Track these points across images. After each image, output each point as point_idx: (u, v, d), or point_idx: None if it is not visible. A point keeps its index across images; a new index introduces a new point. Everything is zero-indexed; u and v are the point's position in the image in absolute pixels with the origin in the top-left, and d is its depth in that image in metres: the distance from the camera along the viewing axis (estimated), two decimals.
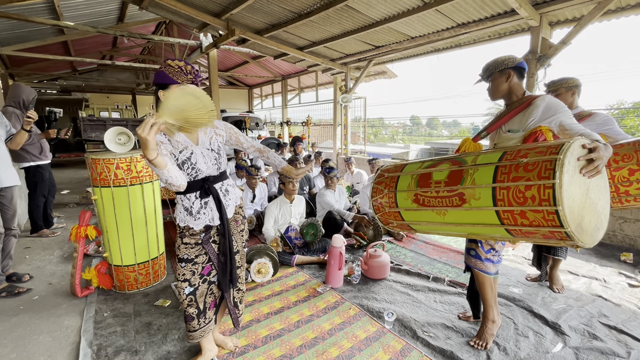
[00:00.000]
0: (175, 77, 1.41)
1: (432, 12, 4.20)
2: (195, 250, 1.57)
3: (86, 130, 8.97)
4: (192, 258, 1.56)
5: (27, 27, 6.02)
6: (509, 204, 1.31)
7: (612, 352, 1.83)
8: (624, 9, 3.56)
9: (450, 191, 1.50)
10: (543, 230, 1.27)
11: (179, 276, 1.57)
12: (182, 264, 1.56)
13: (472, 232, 1.61)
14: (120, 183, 2.36)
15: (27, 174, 3.54)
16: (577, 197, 1.24)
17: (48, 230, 3.77)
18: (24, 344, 1.93)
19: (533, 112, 1.61)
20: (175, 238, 3.40)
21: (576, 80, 2.32)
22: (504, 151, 1.43)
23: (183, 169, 1.45)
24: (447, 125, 47.59)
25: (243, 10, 5.00)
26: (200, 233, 1.56)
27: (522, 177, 1.27)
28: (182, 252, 1.56)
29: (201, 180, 1.51)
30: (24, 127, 2.64)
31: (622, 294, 2.47)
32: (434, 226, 1.67)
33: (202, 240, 1.56)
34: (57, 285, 2.65)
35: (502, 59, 1.74)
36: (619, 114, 12.45)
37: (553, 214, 1.20)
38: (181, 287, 1.57)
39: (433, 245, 3.52)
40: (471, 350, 1.87)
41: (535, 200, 1.23)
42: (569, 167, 1.19)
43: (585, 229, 1.27)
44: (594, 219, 1.32)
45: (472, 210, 1.44)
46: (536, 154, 1.29)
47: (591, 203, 1.30)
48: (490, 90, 1.80)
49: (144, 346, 1.90)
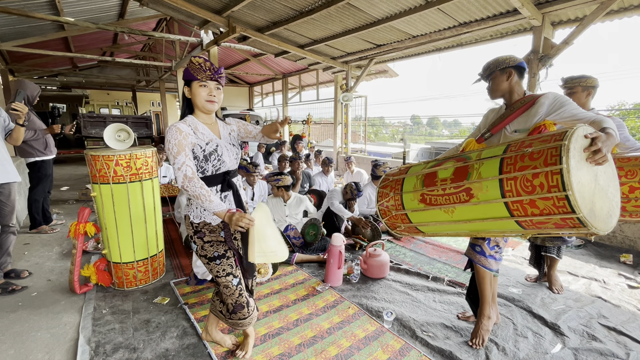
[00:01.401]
0: (196, 74, 1.44)
1: (434, 10, 4.18)
2: (222, 246, 1.57)
3: (86, 127, 8.96)
4: (223, 253, 1.57)
5: (27, 23, 5.99)
6: (517, 194, 1.29)
7: (611, 354, 1.82)
8: (626, 9, 3.54)
9: (456, 187, 1.48)
10: (554, 218, 1.25)
11: (220, 272, 1.56)
12: (216, 262, 1.55)
13: (481, 229, 1.57)
14: (120, 180, 2.35)
15: (32, 169, 3.55)
16: (587, 183, 1.21)
17: (47, 227, 3.76)
18: (22, 341, 1.93)
19: (538, 110, 1.61)
20: (181, 237, 3.43)
21: (595, 80, 2.22)
22: (508, 144, 1.42)
23: (210, 160, 1.47)
24: (447, 125, 47.56)
25: (244, 7, 4.98)
26: (219, 229, 1.55)
27: (529, 166, 1.25)
28: (210, 251, 1.55)
29: (223, 174, 1.53)
30: (17, 122, 2.61)
31: (621, 295, 2.47)
32: (442, 226, 1.64)
33: (224, 238, 1.55)
34: (56, 281, 2.65)
35: (503, 58, 1.74)
36: (619, 115, 12.44)
37: (563, 199, 1.17)
38: (228, 280, 1.57)
39: (433, 245, 3.51)
40: (470, 350, 1.86)
41: (544, 188, 1.20)
42: (574, 152, 1.17)
43: (598, 215, 1.24)
44: (606, 204, 1.29)
45: (481, 205, 1.41)
46: (540, 142, 1.27)
47: (601, 189, 1.28)
48: (491, 88, 1.80)
49: (142, 343, 1.90)
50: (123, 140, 2.58)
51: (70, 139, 10.20)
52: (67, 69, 11.48)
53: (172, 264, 2.98)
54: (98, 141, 8.93)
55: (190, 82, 1.47)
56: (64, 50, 8.60)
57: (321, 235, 3.22)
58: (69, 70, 11.65)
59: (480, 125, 1.94)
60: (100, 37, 8.91)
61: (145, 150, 2.47)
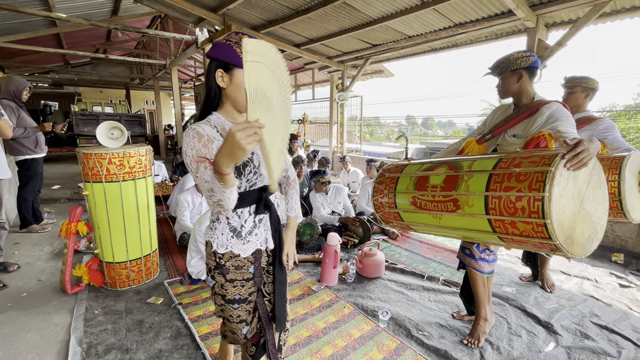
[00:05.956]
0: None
1: (430, 11, 4.19)
2: (247, 288, 1.22)
3: (78, 125, 8.84)
4: (246, 297, 1.23)
5: (17, 18, 5.88)
6: (500, 214, 1.32)
7: (603, 352, 1.85)
8: (619, 12, 3.58)
9: (445, 196, 1.51)
10: (533, 240, 1.28)
11: (232, 317, 1.24)
12: (234, 305, 1.22)
13: (466, 237, 1.63)
14: (113, 178, 2.31)
15: (22, 167, 3.49)
16: (569, 209, 1.23)
17: (38, 226, 3.70)
18: (12, 342, 1.89)
19: (537, 119, 1.59)
20: (175, 236, 3.39)
21: (595, 83, 2.23)
22: (499, 158, 1.43)
23: (244, 173, 1.12)
24: (442, 125, 47.88)
25: (240, 5, 4.94)
26: (248, 264, 1.21)
27: (514, 188, 1.28)
28: (231, 292, 1.20)
29: (258, 190, 1.17)
30: None
31: (613, 294, 2.50)
32: (431, 228, 1.70)
33: (253, 274, 1.22)
34: (47, 282, 2.60)
35: (515, 57, 1.65)
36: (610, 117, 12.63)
37: (542, 226, 1.21)
38: (238, 328, 1.26)
39: (428, 245, 3.53)
40: (465, 349, 1.87)
41: (525, 212, 1.24)
42: (560, 179, 1.18)
43: (577, 241, 1.27)
44: (587, 229, 1.32)
45: (465, 217, 1.45)
46: (529, 163, 1.29)
47: (585, 214, 1.30)
48: (500, 89, 1.75)
49: (135, 344, 1.87)
50: (116, 139, 2.54)
51: (62, 137, 10.05)
52: (59, 66, 11.30)
53: (165, 264, 2.94)
54: (90, 139, 8.81)
55: (231, 67, 1.06)
56: (56, 47, 8.47)
57: (317, 235, 3.21)
58: (61, 67, 11.47)
59: (486, 121, 1.92)
60: (93, 33, 8.78)
61: (138, 148, 2.44)
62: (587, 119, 2.22)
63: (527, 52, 1.66)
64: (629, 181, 1.82)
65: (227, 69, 1.06)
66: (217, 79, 1.08)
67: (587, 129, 2.17)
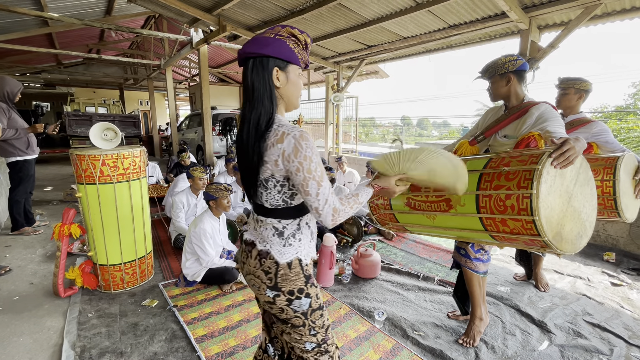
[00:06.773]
0: (301, 56, 1.00)
1: (425, 12, 4.22)
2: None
3: (71, 126, 8.73)
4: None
5: (9, 18, 5.80)
6: (491, 212, 1.34)
7: (596, 350, 1.87)
8: (609, 15, 3.64)
9: (438, 196, 1.53)
10: (523, 237, 1.31)
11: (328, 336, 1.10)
12: (323, 311, 1.10)
13: (460, 236, 1.65)
14: (106, 180, 2.29)
15: (13, 169, 3.44)
16: (557, 207, 1.26)
17: (30, 228, 3.65)
18: (4, 346, 1.86)
19: (527, 120, 1.62)
20: (170, 238, 3.35)
21: (588, 85, 2.24)
22: (490, 158, 1.46)
23: None
24: (437, 125, 48.14)
25: (235, 6, 4.93)
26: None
27: (503, 186, 1.30)
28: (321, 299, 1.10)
29: None
30: None
31: (605, 292, 2.54)
32: (425, 229, 1.71)
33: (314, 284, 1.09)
34: (39, 285, 2.57)
35: (503, 61, 1.69)
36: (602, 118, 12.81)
37: (531, 223, 1.23)
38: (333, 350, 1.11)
39: (423, 245, 3.55)
40: (460, 348, 1.89)
41: (515, 210, 1.26)
42: (547, 177, 1.21)
43: (566, 238, 1.29)
44: (576, 226, 1.34)
45: (458, 216, 1.47)
46: (518, 162, 1.31)
47: (573, 211, 1.32)
48: (491, 92, 1.79)
49: (129, 347, 1.85)
50: (110, 140, 2.52)
51: (55, 138, 9.93)
52: (51, 66, 11.18)
53: (160, 266, 2.92)
54: (84, 140, 8.71)
55: (285, 64, 0.97)
56: (48, 47, 8.37)
57: None
58: (53, 67, 11.35)
59: (478, 124, 1.95)
60: (86, 33, 8.70)
61: (132, 149, 2.42)
62: (581, 122, 2.24)
63: (514, 56, 1.69)
64: (623, 181, 1.85)
65: (282, 67, 0.97)
66: (275, 79, 0.96)
67: (581, 131, 2.18)
